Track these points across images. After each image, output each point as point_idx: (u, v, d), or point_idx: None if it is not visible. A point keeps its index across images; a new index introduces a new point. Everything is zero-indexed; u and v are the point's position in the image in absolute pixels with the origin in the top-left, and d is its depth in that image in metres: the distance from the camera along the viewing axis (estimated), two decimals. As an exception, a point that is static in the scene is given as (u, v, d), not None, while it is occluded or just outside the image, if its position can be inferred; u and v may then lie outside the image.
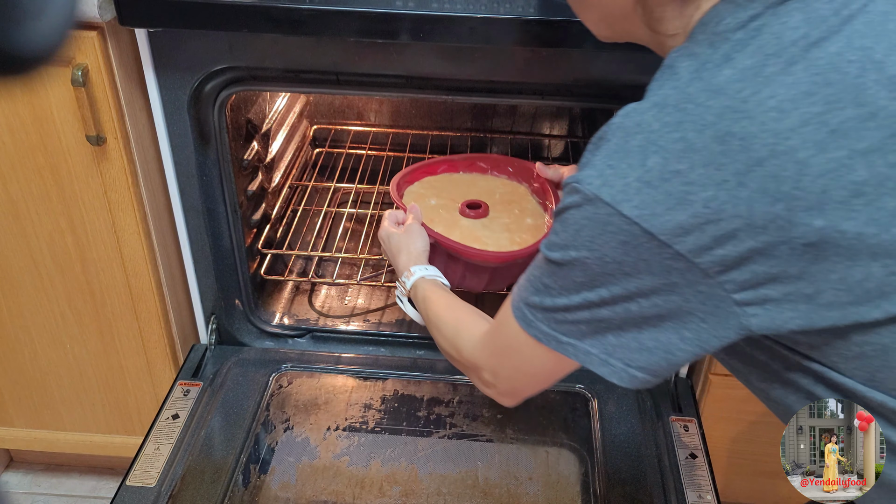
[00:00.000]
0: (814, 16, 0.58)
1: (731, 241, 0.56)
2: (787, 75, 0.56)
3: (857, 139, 0.55)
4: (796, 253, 0.55)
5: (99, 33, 0.97)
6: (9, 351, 1.29)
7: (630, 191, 0.57)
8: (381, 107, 1.65)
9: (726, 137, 0.55)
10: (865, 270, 0.56)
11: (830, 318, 0.57)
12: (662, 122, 0.57)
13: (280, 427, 1.11)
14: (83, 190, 1.10)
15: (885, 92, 0.56)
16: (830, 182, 0.54)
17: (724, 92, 0.56)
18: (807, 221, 0.54)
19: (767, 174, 0.54)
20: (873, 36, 0.58)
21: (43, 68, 0.27)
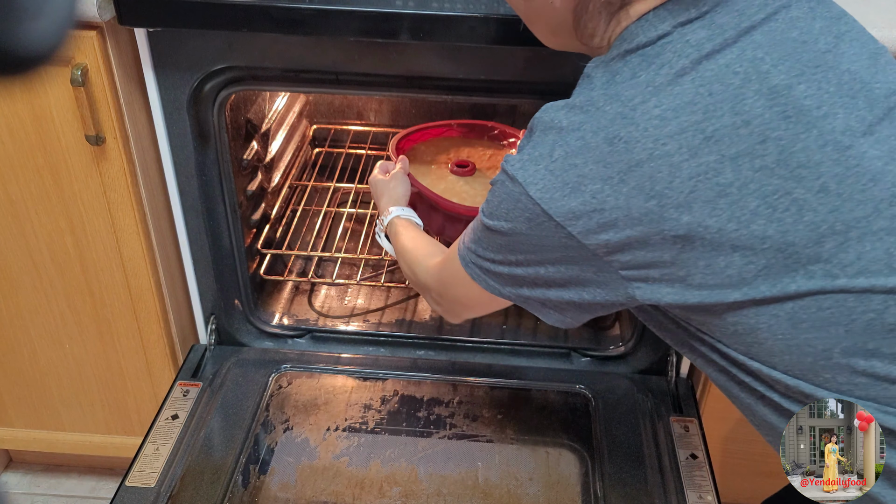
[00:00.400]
0: (715, 30, 0.64)
1: (613, 228, 0.64)
2: (675, 86, 0.63)
3: (728, 145, 0.61)
4: (668, 243, 0.63)
5: (98, 33, 0.97)
6: (8, 351, 1.29)
7: (537, 176, 0.65)
8: (381, 106, 1.65)
9: (614, 140, 0.63)
10: (727, 259, 0.63)
11: (699, 297, 0.65)
12: (570, 121, 0.65)
13: (280, 427, 1.11)
14: (82, 190, 1.09)
15: (763, 101, 0.62)
16: (699, 184, 0.61)
17: (619, 99, 0.63)
18: (675, 217, 0.62)
19: (645, 174, 0.62)
20: (769, 45, 0.64)
21: (43, 68, 0.27)
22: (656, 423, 1.12)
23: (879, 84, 0.66)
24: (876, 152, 0.63)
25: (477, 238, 0.74)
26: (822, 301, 0.63)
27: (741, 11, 0.66)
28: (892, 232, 0.62)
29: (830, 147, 0.62)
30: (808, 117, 0.63)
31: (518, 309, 1.35)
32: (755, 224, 0.62)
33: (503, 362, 1.24)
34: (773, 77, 0.63)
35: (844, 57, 0.66)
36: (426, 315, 1.35)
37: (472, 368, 1.22)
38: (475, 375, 1.20)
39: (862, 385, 0.65)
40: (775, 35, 0.65)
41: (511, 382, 1.20)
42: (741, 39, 0.64)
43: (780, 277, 0.63)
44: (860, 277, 0.62)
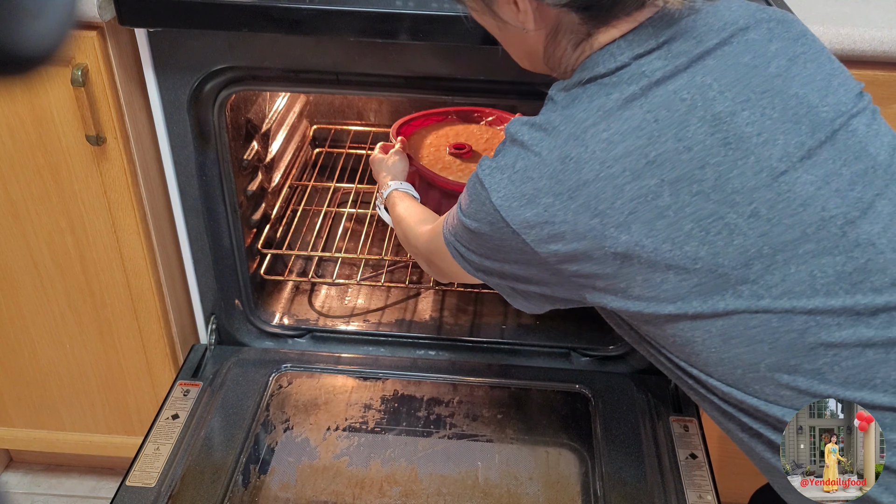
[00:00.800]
0: (670, 59, 0.68)
1: (562, 240, 0.69)
2: (625, 110, 0.67)
3: (669, 170, 0.65)
4: (609, 258, 0.68)
5: (99, 33, 0.97)
6: (9, 351, 1.29)
7: (501, 185, 0.70)
8: (380, 107, 1.65)
9: (566, 159, 0.67)
10: (662, 276, 0.67)
11: (639, 307, 0.70)
12: (530, 137, 0.69)
13: (280, 427, 1.11)
14: (83, 190, 1.09)
15: (706, 128, 0.66)
16: (639, 205, 0.66)
17: (573, 121, 0.68)
18: (615, 235, 0.66)
19: (591, 193, 0.66)
20: (720, 71, 0.68)
21: (43, 68, 0.27)
22: (656, 423, 1.12)
23: (827, 107, 0.69)
24: (810, 177, 0.66)
25: (455, 225, 0.78)
26: (748, 320, 0.67)
27: (699, 38, 0.69)
28: (817, 255, 0.66)
29: (765, 173, 0.66)
30: (748, 144, 0.66)
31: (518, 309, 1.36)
32: (688, 245, 0.66)
33: (503, 362, 1.24)
34: (717, 104, 0.66)
35: (795, 80, 0.69)
36: (426, 315, 1.35)
37: (472, 368, 1.22)
38: (475, 375, 1.20)
39: (787, 397, 0.69)
40: (727, 60, 0.68)
41: (511, 382, 1.20)
42: (693, 66, 0.68)
43: (710, 295, 0.67)
44: (783, 299, 0.66)
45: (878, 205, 0.67)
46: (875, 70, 1.00)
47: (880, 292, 0.66)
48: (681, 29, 0.69)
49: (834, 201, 0.66)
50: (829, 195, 0.66)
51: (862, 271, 0.66)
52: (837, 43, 0.97)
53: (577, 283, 0.72)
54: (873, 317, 0.66)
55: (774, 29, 0.71)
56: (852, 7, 1.03)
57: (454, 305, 1.37)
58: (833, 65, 0.73)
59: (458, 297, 1.38)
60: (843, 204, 0.66)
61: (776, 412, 0.70)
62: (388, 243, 1.40)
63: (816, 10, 1.01)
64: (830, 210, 0.66)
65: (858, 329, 0.66)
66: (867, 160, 0.68)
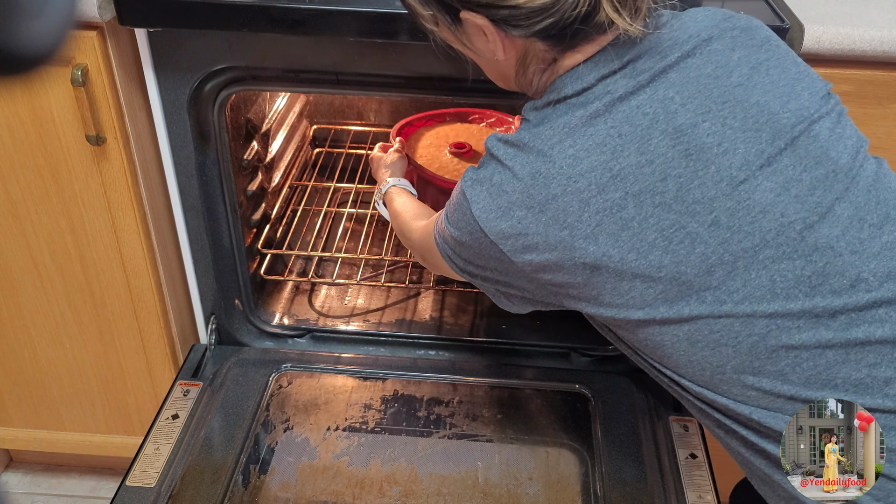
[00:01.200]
0: (634, 76, 0.70)
1: (535, 251, 0.72)
2: (589, 127, 0.69)
3: (632, 182, 0.68)
4: (578, 268, 0.71)
5: (99, 33, 0.97)
6: (9, 351, 1.29)
7: (480, 196, 0.73)
8: (381, 107, 1.65)
9: (536, 175, 0.70)
10: (630, 284, 0.70)
11: (611, 312, 0.73)
12: (505, 153, 0.73)
13: (280, 427, 1.11)
14: (83, 190, 1.09)
15: (668, 141, 0.68)
16: (604, 218, 0.68)
17: (542, 138, 0.71)
18: (584, 247, 0.69)
19: (559, 207, 0.69)
20: (681, 84, 0.70)
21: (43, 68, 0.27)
22: (656, 423, 1.12)
23: (788, 113, 0.70)
24: (769, 185, 0.68)
25: (442, 229, 0.81)
26: (712, 324, 0.70)
27: (663, 53, 0.71)
28: (776, 260, 0.68)
29: (725, 182, 0.68)
30: (708, 154, 0.68)
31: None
32: (652, 255, 0.68)
33: (503, 362, 1.24)
34: (679, 116, 0.69)
35: (757, 88, 0.71)
36: (426, 315, 1.35)
37: (472, 368, 1.22)
38: (475, 375, 1.20)
39: (753, 397, 0.71)
40: (689, 72, 0.70)
41: (511, 382, 1.20)
42: (655, 80, 0.70)
43: (676, 302, 0.70)
44: (745, 303, 0.68)
45: (837, 209, 0.69)
46: (875, 70, 1.00)
47: (839, 294, 0.68)
48: (644, 47, 0.71)
49: (793, 207, 0.68)
50: (789, 201, 0.68)
51: (820, 274, 0.68)
52: (837, 43, 0.97)
53: (552, 290, 0.75)
54: (832, 319, 0.68)
55: (738, 38, 0.73)
56: (852, 7, 1.03)
57: (454, 305, 1.37)
58: (798, 68, 0.75)
59: (458, 297, 1.39)
60: (802, 209, 0.68)
61: (744, 411, 0.72)
62: (388, 243, 1.40)
63: (816, 10, 1.01)
64: (789, 216, 0.68)
65: (818, 331, 0.68)
66: (828, 164, 0.70)
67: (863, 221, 0.69)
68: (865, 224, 0.69)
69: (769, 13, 0.96)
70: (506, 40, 0.74)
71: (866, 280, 0.68)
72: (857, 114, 1.02)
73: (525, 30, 0.70)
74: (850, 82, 1.01)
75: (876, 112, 1.03)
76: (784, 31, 0.92)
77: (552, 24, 0.68)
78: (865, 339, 0.68)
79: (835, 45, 0.97)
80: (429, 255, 0.89)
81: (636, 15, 0.69)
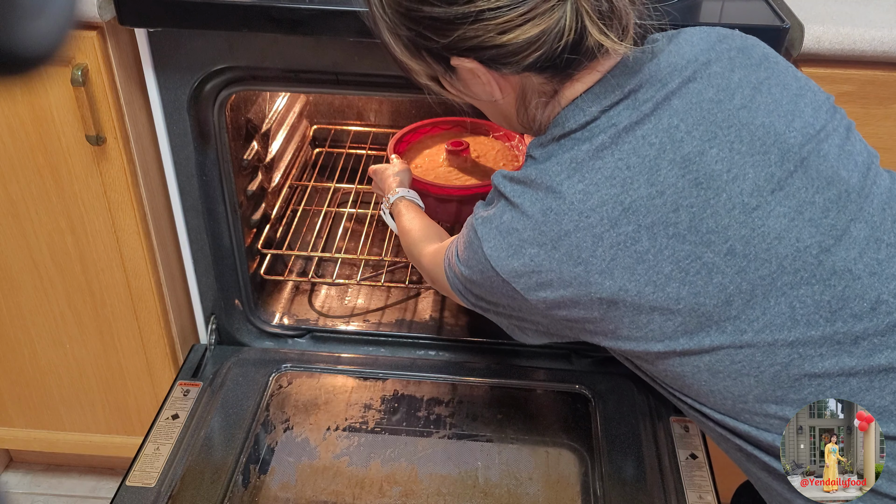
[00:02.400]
0: (639, 105, 0.69)
1: (549, 288, 0.71)
2: (597, 160, 0.68)
3: (644, 215, 0.67)
4: (595, 303, 0.70)
5: (99, 33, 0.97)
6: (9, 351, 1.29)
7: (491, 235, 0.73)
8: (381, 107, 1.65)
9: (547, 212, 0.69)
10: (648, 318, 0.69)
11: (630, 345, 0.72)
12: (514, 191, 0.72)
13: (280, 427, 1.11)
14: (83, 190, 1.09)
15: (677, 170, 0.67)
16: (619, 252, 0.67)
17: (549, 174, 0.70)
18: (599, 282, 0.68)
19: (572, 243, 0.68)
20: (685, 111, 0.69)
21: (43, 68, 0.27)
22: (656, 423, 1.12)
23: (795, 132, 0.70)
24: (783, 209, 0.68)
25: (454, 264, 0.80)
26: (733, 355, 0.69)
27: (664, 81, 0.70)
28: (795, 286, 0.67)
29: (738, 210, 0.67)
30: (718, 182, 0.67)
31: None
32: (669, 287, 0.67)
33: (503, 362, 1.24)
34: (686, 145, 0.68)
35: (760, 110, 0.70)
36: (426, 315, 1.35)
37: (472, 368, 1.22)
38: (475, 375, 1.20)
39: (777, 425, 0.71)
40: (692, 98, 0.70)
41: (511, 382, 1.20)
42: (659, 109, 0.69)
43: (696, 333, 0.69)
44: (765, 332, 0.67)
45: (852, 230, 0.68)
46: (875, 70, 1.00)
47: (860, 318, 0.67)
48: (645, 76, 0.70)
49: (808, 231, 0.67)
50: (803, 225, 0.67)
51: (840, 299, 0.67)
52: (837, 43, 0.97)
53: (568, 325, 0.75)
54: (854, 345, 0.67)
55: (736, 58, 0.73)
56: (852, 7, 1.03)
57: (454, 305, 1.37)
58: (799, 83, 0.74)
59: None
60: (817, 233, 0.67)
61: (767, 438, 0.71)
62: (388, 243, 1.40)
63: (816, 10, 1.00)
64: (805, 240, 0.67)
65: (841, 358, 0.67)
66: (839, 185, 0.69)
67: (880, 242, 0.69)
68: (882, 244, 0.69)
69: (769, 13, 0.96)
70: (500, 80, 0.73)
71: (886, 302, 0.67)
72: (859, 114, 1.02)
73: (516, 66, 0.69)
74: (850, 82, 1.00)
75: (878, 112, 1.03)
76: (784, 32, 0.92)
77: (541, 56, 0.68)
78: (889, 366, 0.67)
79: (835, 45, 0.97)
80: (438, 281, 0.88)
81: (624, 35, 0.69)
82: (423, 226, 1.03)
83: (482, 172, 1.26)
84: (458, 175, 1.26)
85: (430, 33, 0.70)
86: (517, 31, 0.66)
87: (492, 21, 0.66)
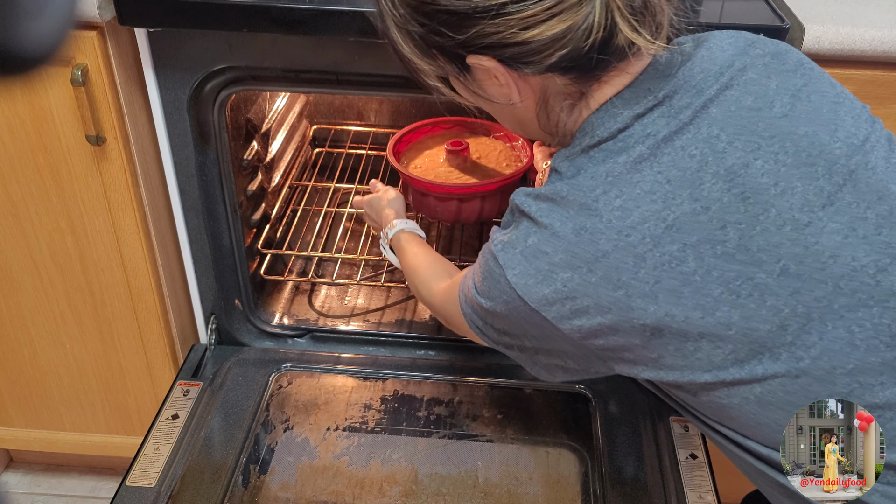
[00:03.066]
0: (675, 113, 0.65)
1: (585, 315, 0.65)
2: (635, 174, 0.63)
3: (689, 233, 0.62)
4: (637, 330, 0.64)
5: (99, 33, 0.97)
6: (8, 351, 1.29)
7: (515, 261, 0.67)
8: (381, 107, 1.65)
9: (581, 231, 0.63)
10: (695, 345, 0.63)
11: (673, 376, 0.66)
12: (540, 210, 0.66)
13: (280, 427, 1.11)
14: (83, 190, 1.09)
15: (721, 184, 0.62)
16: (663, 274, 0.62)
17: (582, 190, 0.64)
18: (642, 307, 0.63)
19: (611, 265, 0.62)
20: (724, 120, 0.64)
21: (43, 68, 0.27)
22: (656, 423, 1.12)
23: (839, 143, 0.66)
24: (835, 225, 0.63)
25: (471, 298, 0.74)
26: (788, 384, 0.63)
27: (699, 88, 0.66)
28: (852, 308, 0.62)
29: (789, 227, 0.62)
30: (766, 196, 0.63)
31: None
32: (720, 311, 0.62)
33: (503, 362, 1.23)
34: (729, 156, 0.63)
35: (801, 119, 0.66)
36: (426, 315, 1.35)
37: (472, 368, 1.22)
38: (475, 375, 1.20)
39: None
40: (730, 106, 0.65)
41: (511, 382, 1.20)
42: (697, 118, 0.64)
43: (747, 361, 0.63)
44: (823, 359, 0.62)
45: None
46: (875, 70, 1.00)
47: None
48: (679, 81, 0.66)
49: (863, 249, 0.63)
50: (857, 243, 0.63)
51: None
52: (837, 43, 0.97)
53: (603, 356, 0.69)
54: None
55: (770, 64, 0.69)
56: (852, 7, 1.03)
57: (454, 305, 1.37)
58: (836, 90, 0.70)
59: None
60: (871, 251, 0.63)
61: None
62: (388, 243, 1.40)
63: (816, 10, 1.01)
64: (860, 259, 0.62)
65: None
66: (891, 199, 0.65)
67: None
68: None
69: (769, 13, 0.96)
70: (520, 81, 0.68)
71: None
72: (858, 114, 1.02)
73: (538, 66, 0.64)
74: (851, 82, 1.00)
75: (878, 112, 1.02)
76: (784, 31, 0.92)
77: (567, 55, 0.63)
78: None
79: (835, 45, 0.97)
80: (453, 320, 0.83)
81: (658, 33, 0.64)
82: (430, 261, 0.97)
83: (482, 172, 1.26)
84: (458, 175, 1.25)
85: (445, 29, 0.65)
86: (541, 28, 0.61)
87: (514, 16, 0.62)
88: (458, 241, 1.48)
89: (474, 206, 1.22)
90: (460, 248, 1.46)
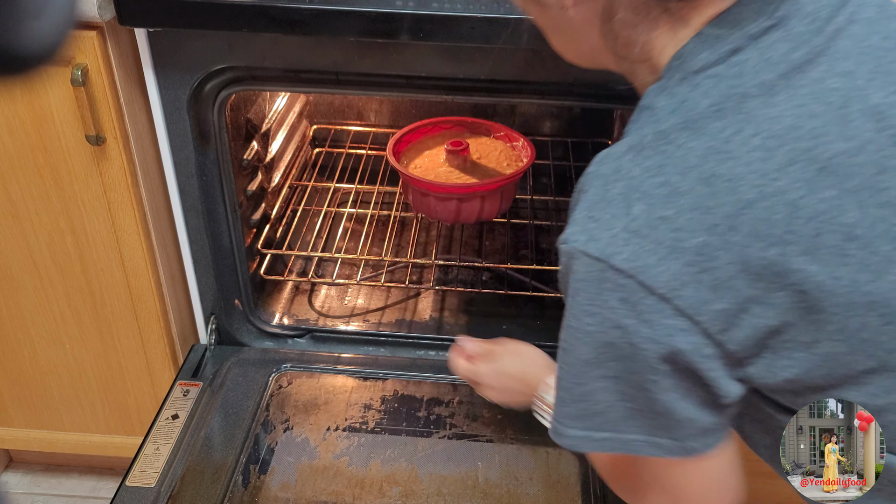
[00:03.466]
0: (796, 38, 0.54)
1: (730, 291, 0.52)
2: (769, 108, 0.52)
3: (846, 177, 0.51)
4: (794, 300, 0.52)
5: (98, 33, 0.97)
6: (8, 351, 1.29)
7: (618, 242, 0.52)
8: (381, 107, 1.65)
9: (712, 179, 0.51)
10: (862, 320, 0.52)
11: (825, 368, 0.54)
12: (642, 167, 0.53)
13: (280, 427, 1.11)
14: (83, 190, 1.09)
15: (871, 123, 0.52)
16: (822, 225, 0.50)
17: (706, 132, 0.52)
18: (802, 267, 0.51)
19: (758, 217, 0.51)
20: (857, 56, 0.54)
21: (43, 68, 0.27)
22: (656, 423, 1.12)
23: None
24: None
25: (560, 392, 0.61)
26: None
27: (815, 16, 0.55)
28: None
29: None
30: None
31: (517, 307, 1.35)
32: (892, 273, 0.51)
33: (503, 362, 1.23)
34: (871, 95, 0.53)
35: None
36: (426, 315, 1.35)
37: (472, 368, 1.22)
38: (475, 375, 1.20)
39: None
40: (859, 42, 0.55)
41: (511, 382, 1.20)
42: (828, 49, 0.54)
43: None
44: None
45: None
46: None
47: None
48: (791, 6, 0.55)
49: None
50: None
51: None
52: None
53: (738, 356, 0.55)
54: None
55: (884, 5, 0.59)
56: (852, 7, 1.03)
57: (454, 305, 1.37)
58: None
59: (458, 297, 1.38)
60: None
61: None
62: (387, 243, 1.40)
63: None
64: None
65: None
66: None
67: None
68: None
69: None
70: None
71: None
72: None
73: None
74: None
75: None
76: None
77: None
78: None
79: None
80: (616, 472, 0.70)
81: None
82: None
83: (482, 172, 1.26)
84: (458, 175, 1.26)
85: None
86: None
87: None
88: (458, 241, 1.48)
89: (474, 206, 1.22)
90: (460, 248, 1.46)
